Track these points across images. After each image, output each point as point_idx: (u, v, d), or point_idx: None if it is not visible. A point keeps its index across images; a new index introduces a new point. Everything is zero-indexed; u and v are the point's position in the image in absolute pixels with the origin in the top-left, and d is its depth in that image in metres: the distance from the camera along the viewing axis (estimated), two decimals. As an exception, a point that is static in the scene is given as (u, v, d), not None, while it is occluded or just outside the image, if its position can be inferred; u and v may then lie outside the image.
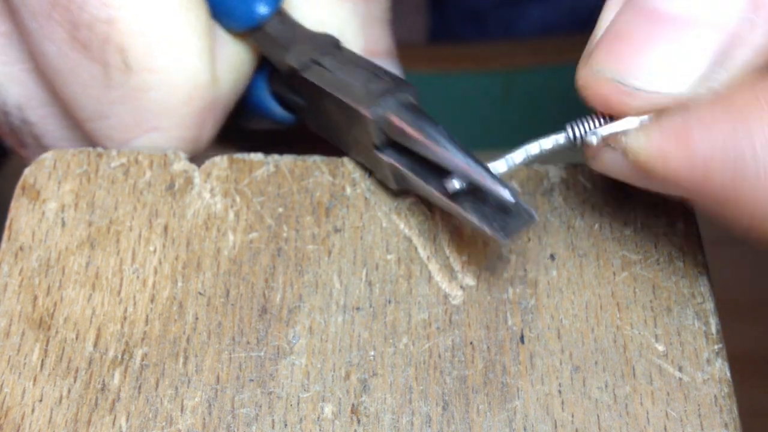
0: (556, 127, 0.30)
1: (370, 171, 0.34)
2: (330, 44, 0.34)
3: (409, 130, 0.30)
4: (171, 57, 0.33)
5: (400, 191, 0.33)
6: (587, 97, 0.28)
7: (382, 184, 0.33)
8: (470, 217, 0.29)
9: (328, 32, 0.35)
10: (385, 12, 0.38)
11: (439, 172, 0.30)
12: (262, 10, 0.34)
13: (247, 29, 0.35)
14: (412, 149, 0.30)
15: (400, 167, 0.31)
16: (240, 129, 0.39)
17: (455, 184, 0.29)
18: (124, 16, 0.32)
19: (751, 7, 0.26)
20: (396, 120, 0.30)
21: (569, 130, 0.29)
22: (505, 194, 0.28)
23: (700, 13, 0.26)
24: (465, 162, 0.29)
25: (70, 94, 0.34)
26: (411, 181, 0.31)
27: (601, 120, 0.28)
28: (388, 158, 0.32)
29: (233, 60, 0.35)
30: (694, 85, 0.26)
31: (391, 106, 0.31)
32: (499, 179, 0.28)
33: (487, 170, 0.28)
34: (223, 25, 0.35)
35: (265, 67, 0.37)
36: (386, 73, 0.32)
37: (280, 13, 0.35)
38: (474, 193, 0.29)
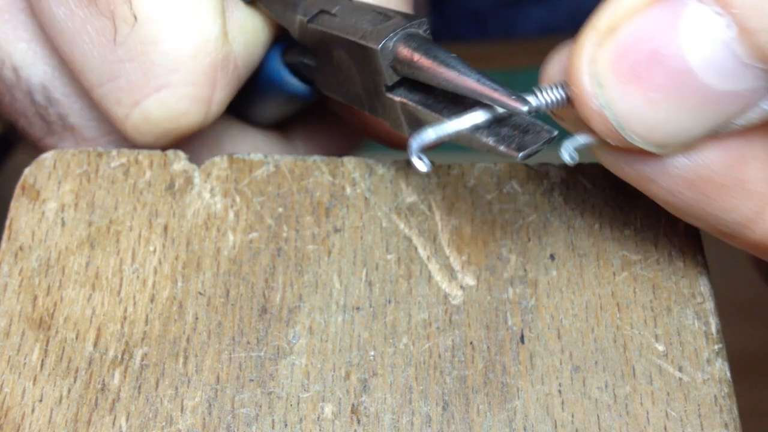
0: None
1: (370, 170, 0.34)
2: None
3: (418, 57, 0.29)
4: (179, 7, 0.32)
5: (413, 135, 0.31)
6: (572, 94, 0.26)
7: (383, 184, 0.33)
8: (485, 139, 0.27)
9: None
10: None
11: (452, 104, 0.29)
12: None
13: None
14: (422, 80, 0.29)
15: (412, 104, 0.30)
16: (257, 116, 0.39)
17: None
18: None
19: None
20: (404, 51, 0.29)
21: (537, 98, 0.27)
22: (520, 106, 0.26)
23: (737, 91, 0.24)
24: (477, 80, 0.27)
25: (78, 57, 0.34)
26: (424, 118, 0.30)
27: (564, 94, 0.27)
28: (399, 97, 0.30)
29: (245, 23, 0.35)
30: (680, 145, 0.26)
31: (399, 38, 0.30)
32: (514, 93, 0.26)
33: (501, 86, 0.27)
34: None
35: (278, 43, 0.37)
36: (396, 12, 0.31)
37: None
38: (491, 122, 0.28)
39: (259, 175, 0.33)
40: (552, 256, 0.32)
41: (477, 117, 0.27)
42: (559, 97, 0.27)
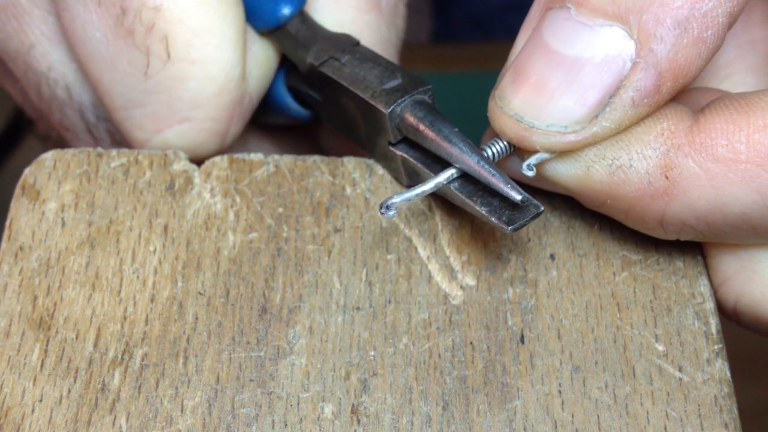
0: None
1: (370, 170, 0.34)
2: (348, 42, 0.35)
3: (423, 128, 0.31)
4: (210, 49, 0.34)
5: (411, 186, 0.33)
6: (494, 127, 0.30)
7: (383, 184, 0.33)
8: (480, 209, 0.30)
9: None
10: (399, 40, 0.39)
11: (446, 166, 0.31)
12: (285, 10, 0.35)
13: (270, 29, 0.36)
14: (424, 146, 0.31)
15: (413, 160, 0.32)
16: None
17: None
18: (171, 5, 0.33)
19: (636, 50, 0.27)
20: (411, 118, 0.31)
21: (488, 151, 0.30)
22: (515, 195, 0.29)
23: (593, 56, 0.27)
24: (477, 163, 0.30)
25: (107, 82, 0.35)
26: (422, 174, 0.32)
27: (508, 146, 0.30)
28: (401, 152, 0.32)
29: (260, 57, 0.36)
30: (585, 123, 0.28)
31: (406, 104, 0.32)
32: (508, 180, 0.29)
33: (498, 171, 0.29)
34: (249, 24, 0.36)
35: (282, 64, 0.38)
36: (402, 71, 0.33)
37: (301, 14, 0.36)
38: (484, 187, 0.30)
39: (259, 175, 0.33)
40: (552, 256, 0.32)
41: (445, 175, 0.30)
42: (502, 146, 0.31)
